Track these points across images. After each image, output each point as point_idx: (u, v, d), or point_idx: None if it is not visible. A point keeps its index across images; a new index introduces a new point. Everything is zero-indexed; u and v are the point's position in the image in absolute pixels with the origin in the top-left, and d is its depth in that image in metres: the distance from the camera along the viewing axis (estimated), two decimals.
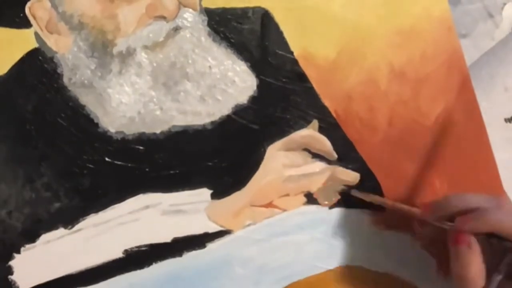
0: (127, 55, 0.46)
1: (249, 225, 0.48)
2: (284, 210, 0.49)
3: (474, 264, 0.42)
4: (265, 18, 0.48)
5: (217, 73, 0.47)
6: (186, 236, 0.47)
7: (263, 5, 0.48)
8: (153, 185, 0.47)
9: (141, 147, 0.47)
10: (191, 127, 0.47)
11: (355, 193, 0.49)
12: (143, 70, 0.46)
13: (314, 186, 0.49)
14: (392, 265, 0.50)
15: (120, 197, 0.46)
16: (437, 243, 0.47)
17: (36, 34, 0.46)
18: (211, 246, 0.48)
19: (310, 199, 0.49)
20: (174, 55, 0.46)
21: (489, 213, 0.43)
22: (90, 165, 0.46)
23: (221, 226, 0.48)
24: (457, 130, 0.51)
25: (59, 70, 0.46)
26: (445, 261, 0.50)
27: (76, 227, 0.46)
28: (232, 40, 0.48)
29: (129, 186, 0.47)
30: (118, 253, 0.46)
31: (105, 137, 0.46)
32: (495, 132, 0.52)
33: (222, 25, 0.48)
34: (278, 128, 0.49)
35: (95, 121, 0.46)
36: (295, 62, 0.49)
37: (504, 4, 0.54)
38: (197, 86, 0.47)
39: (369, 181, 0.50)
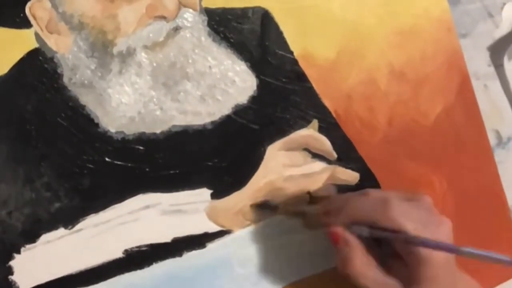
0: (127, 55, 0.46)
1: (249, 225, 0.48)
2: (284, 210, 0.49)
3: (355, 259, 0.42)
4: (265, 18, 0.48)
5: (217, 73, 0.47)
6: (186, 236, 0.47)
7: (263, 5, 0.48)
8: (153, 185, 0.47)
9: (141, 147, 0.47)
10: (191, 127, 0.47)
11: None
12: (143, 70, 0.46)
13: (314, 186, 0.49)
14: None
15: (120, 197, 0.46)
16: None
17: (36, 34, 0.46)
18: (211, 246, 0.48)
19: (311, 198, 0.49)
20: (174, 55, 0.46)
21: (348, 205, 0.43)
22: (90, 165, 0.46)
23: (221, 226, 0.48)
24: (457, 130, 0.52)
25: (59, 70, 0.46)
26: None
27: (76, 227, 0.46)
28: (232, 40, 0.48)
29: (129, 186, 0.46)
30: (118, 253, 0.46)
31: (105, 137, 0.46)
32: None
33: (222, 25, 0.48)
34: (278, 128, 0.49)
35: (95, 121, 0.46)
36: (295, 62, 0.49)
37: (504, 4, 0.54)
38: (197, 86, 0.47)
39: (368, 181, 0.50)
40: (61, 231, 0.46)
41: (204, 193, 0.48)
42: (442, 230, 0.42)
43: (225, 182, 0.48)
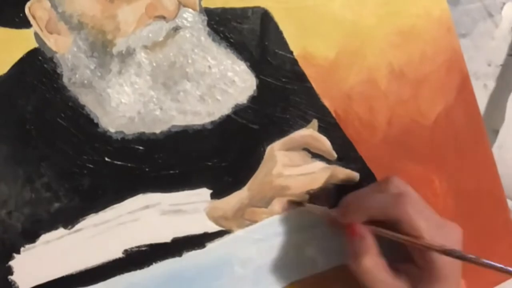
0: (127, 55, 0.46)
1: (249, 225, 0.48)
2: (284, 210, 0.49)
3: (367, 256, 0.42)
4: (265, 18, 0.48)
5: (216, 73, 0.47)
6: (185, 236, 0.47)
7: (263, 5, 0.48)
8: (152, 185, 0.47)
9: (140, 147, 0.47)
10: (191, 127, 0.47)
11: (308, 207, 0.49)
12: (143, 70, 0.46)
13: (314, 186, 0.49)
14: None
15: (119, 197, 0.46)
16: None
17: (36, 34, 0.46)
18: (210, 246, 0.48)
19: (310, 199, 0.49)
20: (173, 55, 0.46)
21: (365, 199, 0.43)
22: (90, 165, 0.46)
23: (221, 226, 0.48)
24: (457, 130, 0.51)
25: (58, 70, 0.46)
26: None
27: (76, 227, 0.46)
28: (232, 40, 0.48)
29: (129, 186, 0.47)
30: (118, 253, 0.46)
31: (105, 137, 0.46)
32: None
33: (221, 25, 0.47)
34: (277, 128, 0.49)
35: (95, 121, 0.46)
36: (294, 62, 0.49)
37: (504, 3, 0.54)
38: (197, 86, 0.47)
39: (368, 181, 0.50)
40: (61, 231, 0.46)
41: (204, 193, 0.48)
42: (455, 235, 0.42)
43: (225, 182, 0.48)
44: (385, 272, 0.42)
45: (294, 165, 0.48)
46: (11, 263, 0.45)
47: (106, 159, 0.46)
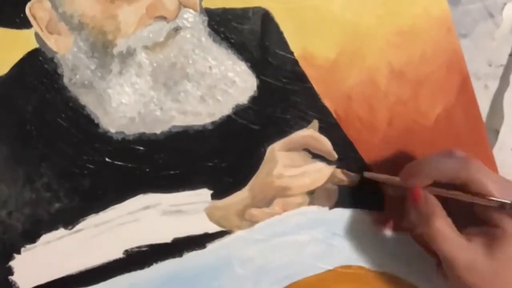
0: (127, 55, 0.46)
1: (249, 225, 0.48)
2: (285, 211, 0.49)
3: (436, 218, 0.41)
4: (265, 18, 0.48)
5: (217, 73, 0.47)
6: (186, 236, 0.47)
7: (263, 5, 0.48)
8: (153, 185, 0.47)
9: (141, 148, 0.47)
10: (191, 128, 0.47)
11: (367, 174, 0.49)
12: (143, 70, 0.46)
13: (315, 186, 0.49)
14: (392, 265, 0.50)
15: (120, 198, 0.46)
16: None
17: (36, 34, 0.46)
18: (211, 246, 0.48)
19: (311, 199, 0.49)
20: (174, 56, 0.46)
21: (429, 165, 0.43)
22: (90, 166, 0.46)
23: (221, 226, 0.48)
24: (457, 130, 0.51)
25: (59, 71, 0.46)
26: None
27: (76, 227, 0.46)
28: (232, 41, 0.48)
29: (129, 187, 0.47)
30: (118, 254, 0.46)
31: (105, 137, 0.46)
32: None
33: (222, 25, 0.48)
34: (278, 128, 0.49)
35: (95, 121, 0.46)
36: (295, 62, 0.49)
37: (505, 4, 0.54)
38: (197, 87, 0.47)
39: (369, 181, 0.50)
40: (61, 231, 0.46)
41: (204, 193, 0.48)
42: None
43: (225, 182, 0.48)
44: (456, 232, 0.42)
45: (294, 165, 0.48)
46: (12, 263, 0.45)
47: (107, 159, 0.46)
